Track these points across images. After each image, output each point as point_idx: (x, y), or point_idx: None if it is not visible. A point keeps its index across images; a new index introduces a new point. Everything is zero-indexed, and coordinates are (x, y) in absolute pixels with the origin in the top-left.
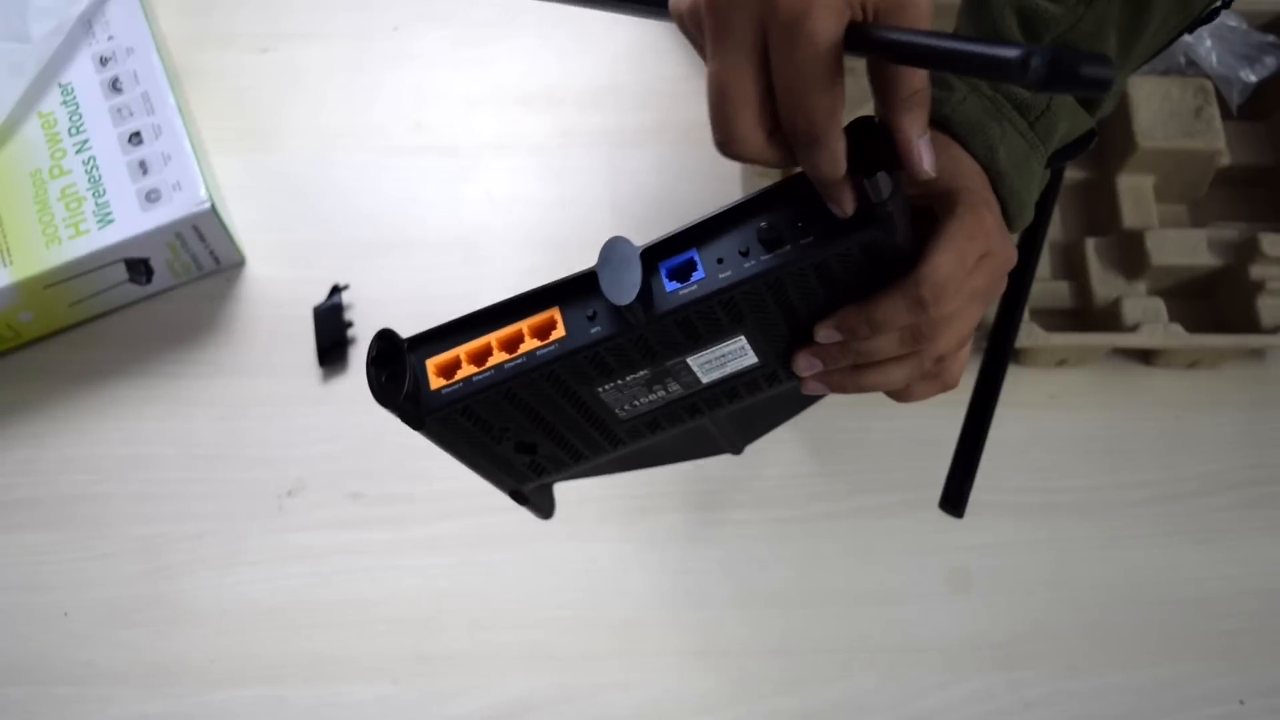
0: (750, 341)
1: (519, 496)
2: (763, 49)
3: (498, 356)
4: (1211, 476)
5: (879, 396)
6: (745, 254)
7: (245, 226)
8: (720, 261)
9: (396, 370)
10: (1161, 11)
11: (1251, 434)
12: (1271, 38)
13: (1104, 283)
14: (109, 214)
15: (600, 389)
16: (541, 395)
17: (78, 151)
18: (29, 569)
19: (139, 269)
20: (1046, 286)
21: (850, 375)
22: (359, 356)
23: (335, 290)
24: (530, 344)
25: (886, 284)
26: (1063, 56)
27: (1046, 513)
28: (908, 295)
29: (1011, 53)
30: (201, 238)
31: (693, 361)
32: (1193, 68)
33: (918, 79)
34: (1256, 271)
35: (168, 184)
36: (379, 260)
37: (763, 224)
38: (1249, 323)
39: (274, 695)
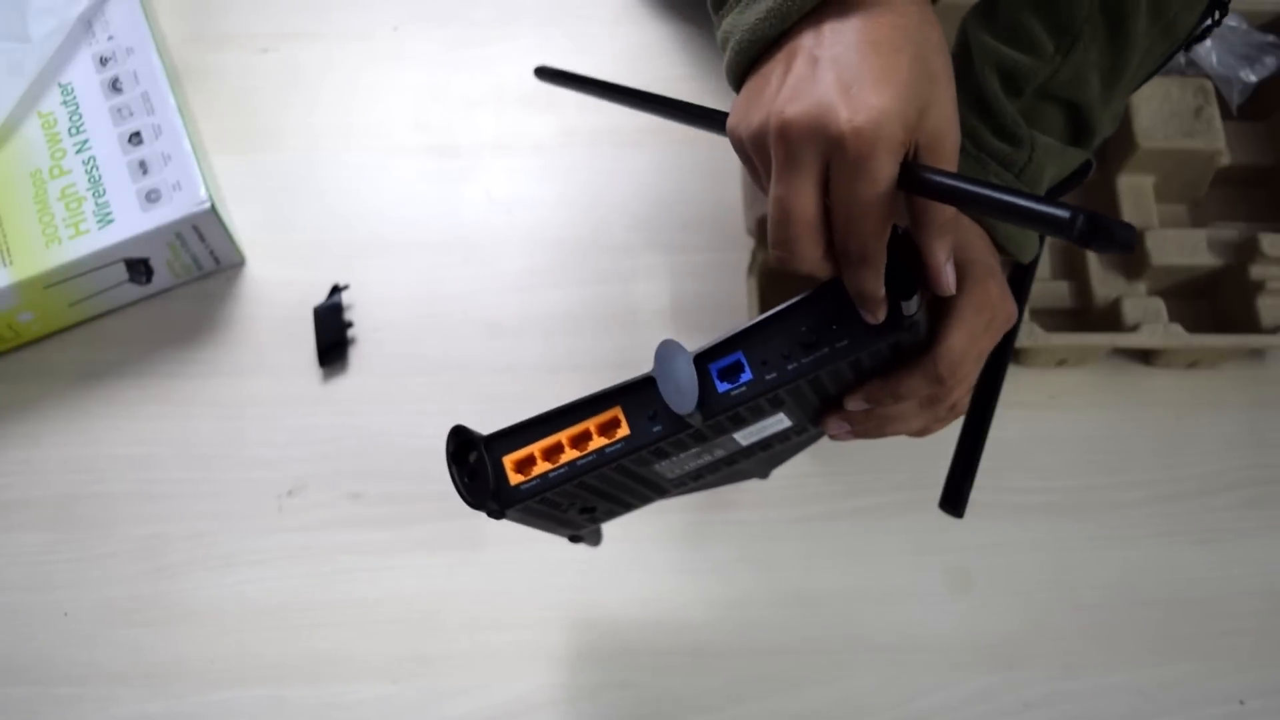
0: (787, 414)
1: (575, 539)
2: (825, 178)
3: (570, 454)
4: (1211, 476)
5: None
6: (787, 356)
7: (245, 226)
8: (765, 363)
9: (477, 468)
10: (1143, 45)
11: (1251, 434)
12: (1271, 38)
13: (1104, 283)
14: (109, 214)
15: (656, 466)
16: (606, 478)
17: (78, 151)
18: (29, 569)
19: (139, 269)
20: (1046, 286)
21: (875, 425)
22: (359, 356)
23: (335, 290)
24: (599, 441)
25: (907, 360)
26: (1099, 221)
27: (1046, 513)
28: (928, 373)
29: (1063, 214)
30: (201, 238)
31: (736, 435)
32: (1193, 68)
33: (949, 210)
34: (1256, 271)
35: (168, 184)
36: (379, 260)
37: (802, 329)
38: (1249, 323)
39: (274, 695)
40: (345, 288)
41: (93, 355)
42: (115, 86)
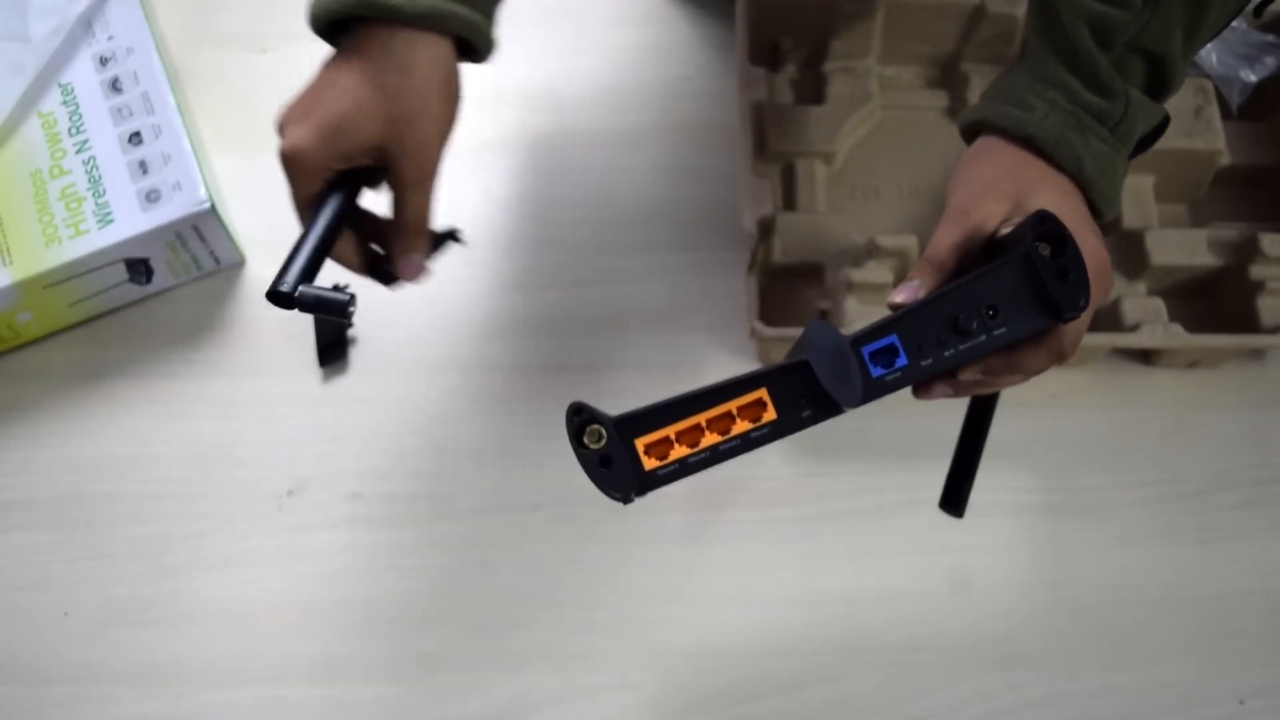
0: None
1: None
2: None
3: (710, 438)
4: (1211, 476)
5: None
6: (942, 342)
7: (245, 226)
8: (920, 349)
9: (610, 454)
10: (1219, 1)
11: (1251, 434)
12: (1271, 38)
13: None
14: (109, 214)
15: None
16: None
17: (78, 151)
18: (29, 569)
19: (139, 269)
20: None
21: (969, 389)
22: (359, 356)
23: (335, 290)
24: (742, 426)
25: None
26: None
27: (1046, 513)
28: (1052, 350)
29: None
30: (201, 238)
31: None
32: (1193, 68)
33: (415, 217)
34: (1256, 271)
35: (168, 184)
36: None
37: (958, 315)
38: (1249, 323)
39: (274, 695)
40: (345, 287)
41: (93, 355)
42: (115, 86)
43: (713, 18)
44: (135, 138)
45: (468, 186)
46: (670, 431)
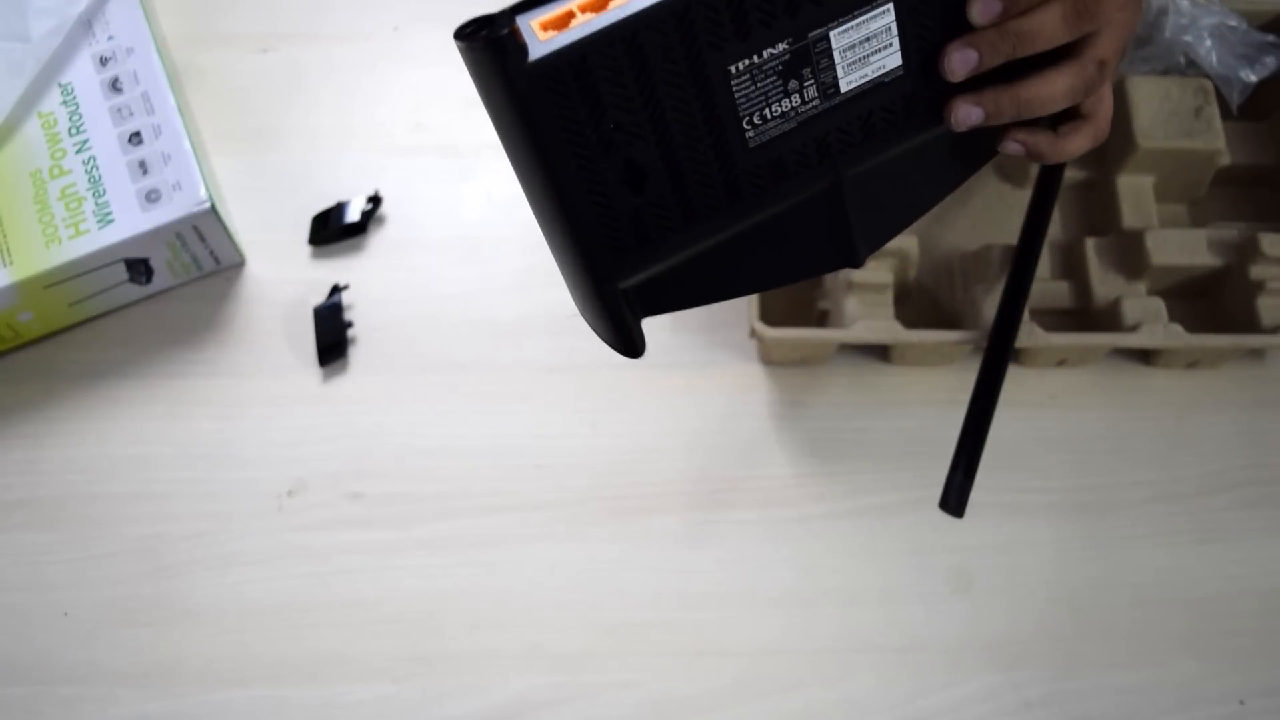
0: (898, 21)
1: (613, 303)
2: None
3: (620, 1)
4: (1211, 476)
5: (879, 396)
6: None
7: (245, 226)
8: None
9: (496, 37)
10: None
11: (1251, 434)
12: (1271, 38)
13: (1104, 283)
14: (109, 214)
15: (733, 68)
16: (668, 64)
17: (78, 151)
18: (29, 569)
19: (139, 269)
20: (1046, 286)
21: (1008, 91)
22: (359, 356)
23: (335, 290)
24: None
25: None
26: None
27: (1046, 513)
28: None
29: None
30: (201, 238)
31: (835, 39)
32: (1193, 68)
33: None
34: (1256, 271)
35: (168, 184)
36: (379, 260)
37: None
38: (1249, 323)
39: (274, 695)
40: (345, 288)
41: (93, 355)
42: (115, 86)
43: None
44: (135, 138)
45: (468, 187)
46: (574, 6)
